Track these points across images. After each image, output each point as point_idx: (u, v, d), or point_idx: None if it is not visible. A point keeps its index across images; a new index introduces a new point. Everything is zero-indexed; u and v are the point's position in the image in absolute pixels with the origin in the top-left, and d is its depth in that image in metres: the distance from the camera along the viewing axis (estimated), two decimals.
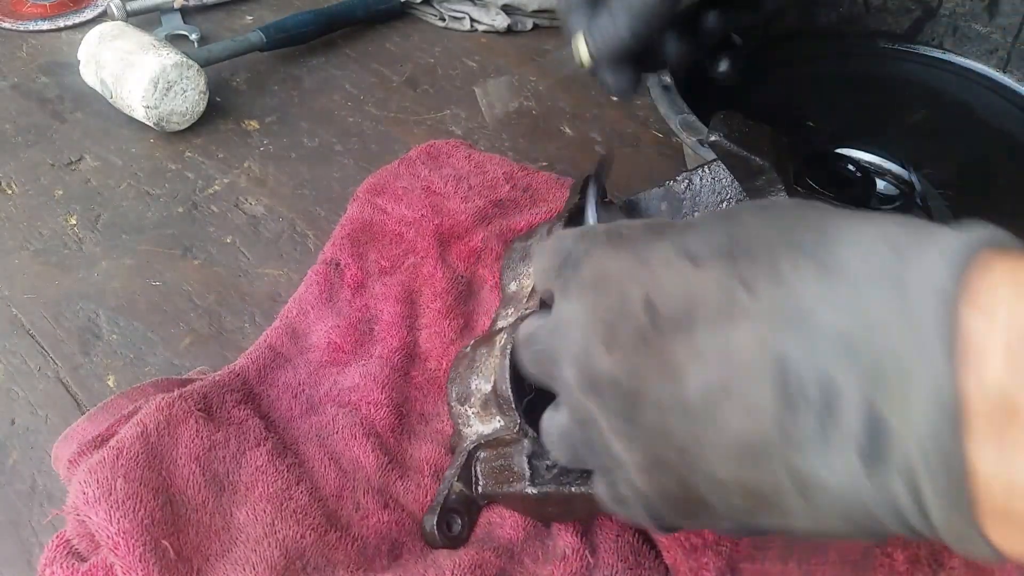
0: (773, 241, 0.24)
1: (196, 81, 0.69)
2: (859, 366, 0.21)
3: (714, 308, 0.24)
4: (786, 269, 0.23)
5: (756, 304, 0.23)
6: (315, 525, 0.41)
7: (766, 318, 0.23)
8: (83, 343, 0.54)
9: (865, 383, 0.21)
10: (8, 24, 0.84)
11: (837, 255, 0.23)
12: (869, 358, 0.21)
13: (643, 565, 0.41)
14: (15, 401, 0.50)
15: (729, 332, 0.24)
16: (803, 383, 0.22)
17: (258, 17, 0.89)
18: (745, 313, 0.23)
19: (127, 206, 0.64)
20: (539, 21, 0.90)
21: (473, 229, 0.59)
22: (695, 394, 0.24)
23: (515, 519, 0.43)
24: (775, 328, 0.23)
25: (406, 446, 0.48)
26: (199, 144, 0.71)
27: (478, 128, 0.74)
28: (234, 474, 0.43)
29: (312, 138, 0.72)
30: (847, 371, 0.21)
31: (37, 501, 0.45)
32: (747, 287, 0.24)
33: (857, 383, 0.21)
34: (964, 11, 0.74)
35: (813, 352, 0.22)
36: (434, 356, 0.52)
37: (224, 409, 0.46)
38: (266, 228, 0.63)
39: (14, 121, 0.72)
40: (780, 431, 0.22)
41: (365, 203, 0.60)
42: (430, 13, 0.90)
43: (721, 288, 0.24)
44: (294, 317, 0.53)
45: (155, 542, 0.38)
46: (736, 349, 0.23)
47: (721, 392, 0.24)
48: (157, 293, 0.57)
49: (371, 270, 0.57)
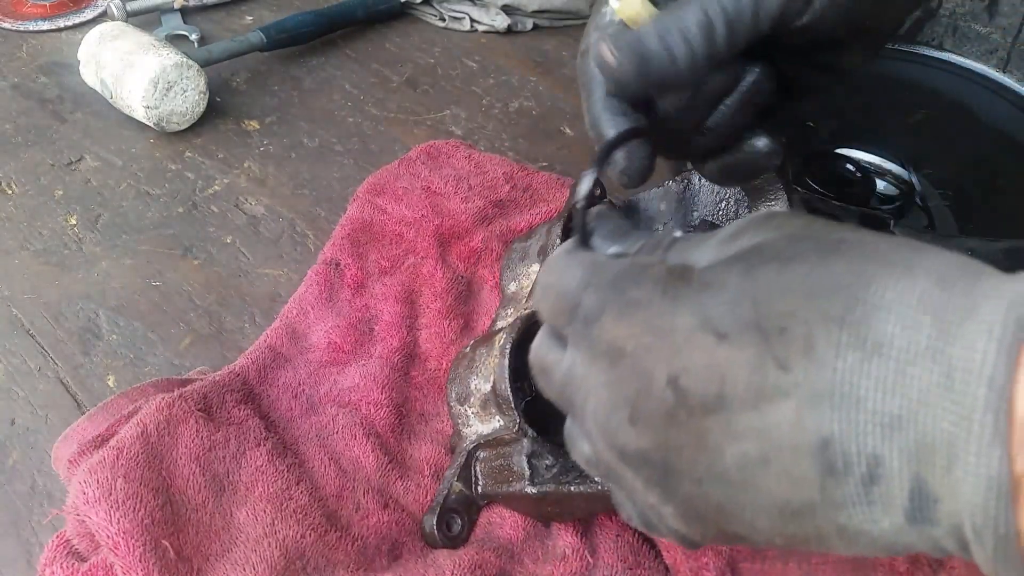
0: (804, 313, 0.23)
1: (196, 81, 0.69)
2: (904, 442, 0.21)
3: (747, 387, 0.23)
4: (822, 346, 0.22)
5: (792, 382, 0.23)
6: (315, 525, 0.41)
7: (805, 397, 0.22)
8: (83, 343, 0.54)
9: (911, 458, 0.22)
10: (8, 24, 0.84)
11: (876, 330, 0.22)
12: (914, 436, 0.21)
13: (643, 565, 0.41)
14: (15, 401, 0.50)
15: (765, 411, 0.23)
16: (848, 457, 0.22)
17: (258, 17, 0.89)
18: (781, 392, 0.23)
19: (127, 206, 0.64)
20: (539, 21, 0.90)
21: (473, 229, 0.59)
22: (732, 466, 0.24)
23: (515, 519, 0.43)
24: (815, 406, 0.22)
25: (406, 446, 0.48)
26: (199, 144, 0.71)
27: (478, 128, 0.74)
28: (234, 474, 0.43)
29: (312, 138, 0.72)
30: (892, 447, 0.22)
31: (37, 501, 0.45)
32: (782, 366, 0.23)
33: (902, 457, 0.22)
34: (964, 11, 0.74)
35: (856, 430, 0.22)
36: (434, 356, 0.52)
37: (224, 409, 0.46)
38: (266, 228, 0.63)
39: (14, 121, 0.72)
40: (823, 496, 0.23)
41: (365, 203, 0.60)
42: (430, 13, 0.90)
43: (753, 367, 0.23)
44: (294, 317, 0.53)
45: (155, 542, 0.38)
46: (774, 426, 0.23)
47: (760, 464, 0.23)
48: (157, 293, 0.57)
49: (371, 270, 0.57)
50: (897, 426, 0.21)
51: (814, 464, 0.22)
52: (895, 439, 0.21)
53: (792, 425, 0.22)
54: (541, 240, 0.50)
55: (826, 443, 0.22)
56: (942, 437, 0.21)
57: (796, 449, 0.22)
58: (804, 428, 0.22)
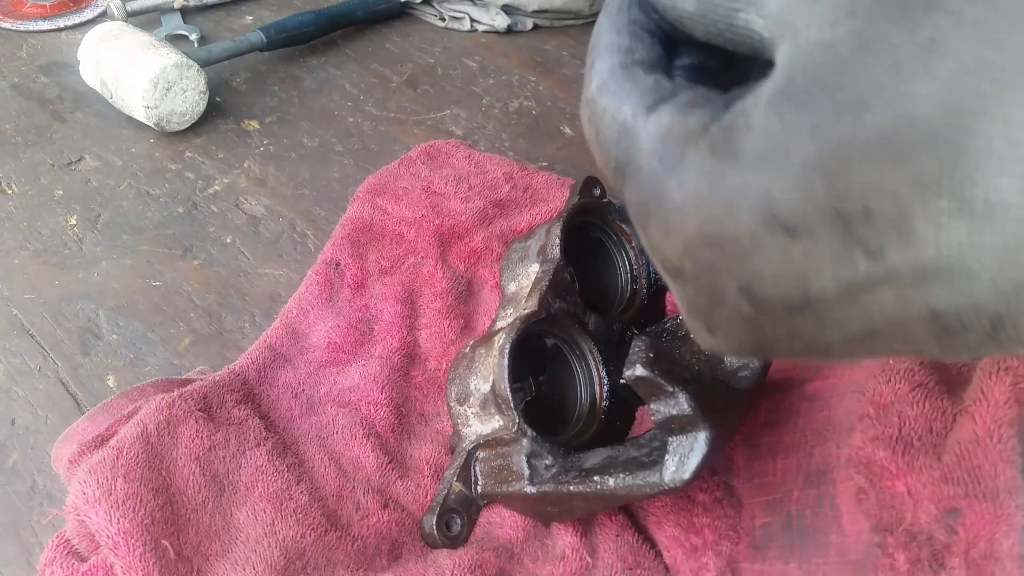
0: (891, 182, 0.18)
1: (196, 81, 0.69)
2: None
3: (835, 283, 0.20)
4: (920, 224, 0.18)
5: (888, 270, 0.19)
6: (315, 525, 0.41)
7: (907, 281, 0.19)
8: (83, 343, 0.54)
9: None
10: (8, 24, 0.84)
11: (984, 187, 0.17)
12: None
13: (643, 565, 0.41)
14: (15, 401, 0.50)
15: (863, 299, 0.20)
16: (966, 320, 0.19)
17: (258, 17, 0.89)
18: (877, 281, 0.19)
19: (127, 206, 0.64)
20: (539, 21, 0.90)
21: (473, 229, 0.59)
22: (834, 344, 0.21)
23: (515, 519, 0.43)
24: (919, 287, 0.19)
25: (406, 446, 0.48)
26: (199, 144, 0.71)
27: (478, 128, 0.74)
28: (234, 474, 0.43)
29: (312, 138, 0.72)
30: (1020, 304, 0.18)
31: (37, 501, 0.45)
32: (872, 255, 0.19)
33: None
34: None
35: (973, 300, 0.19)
36: (434, 356, 0.52)
37: (224, 409, 0.46)
38: (266, 228, 0.63)
39: (14, 121, 0.72)
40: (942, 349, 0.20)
41: (365, 203, 0.60)
42: (430, 13, 0.90)
43: (839, 261, 0.19)
44: (294, 317, 0.53)
45: (155, 542, 0.38)
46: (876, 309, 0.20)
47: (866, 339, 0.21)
48: (157, 293, 0.57)
49: (371, 270, 0.57)
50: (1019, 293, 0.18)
51: (928, 330, 0.20)
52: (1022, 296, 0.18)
53: (896, 305, 0.20)
54: (541, 240, 0.50)
55: (936, 313, 0.19)
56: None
57: (905, 323, 0.20)
58: (910, 306, 0.19)
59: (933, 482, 0.33)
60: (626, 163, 0.23)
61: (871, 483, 0.35)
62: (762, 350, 0.23)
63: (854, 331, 0.20)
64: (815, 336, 0.21)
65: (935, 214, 0.18)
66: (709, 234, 0.21)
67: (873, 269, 0.19)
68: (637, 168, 0.22)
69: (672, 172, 0.21)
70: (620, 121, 0.23)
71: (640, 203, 0.22)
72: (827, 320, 0.20)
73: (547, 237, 0.49)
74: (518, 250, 0.52)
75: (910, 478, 0.34)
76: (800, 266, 0.20)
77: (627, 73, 0.23)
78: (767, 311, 0.21)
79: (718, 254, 0.21)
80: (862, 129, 0.18)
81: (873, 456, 0.35)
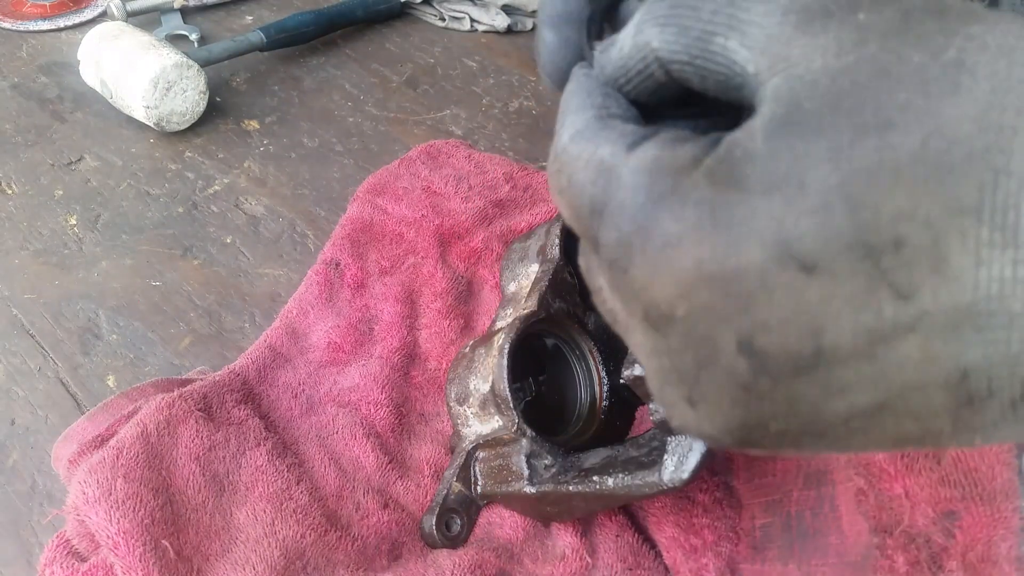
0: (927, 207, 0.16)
1: (196, 81, 0.69)
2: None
3: (853, 333, 0.17)
4: (957, 255, 0.16)
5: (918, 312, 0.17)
6: (315, 525, 0.41)
7: (937, 327, 0.16)
8: (83, 343, 0.54)
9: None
10: (8, 24, 0.84)
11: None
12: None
13: (643, 565, 0.41)
14: (15, 401, 0.50)
15: (882, 355, 0.17)
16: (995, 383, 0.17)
17: (258, 17, 0.89)
18: (903, 328, 0.17)
19: (127, 206, 0.64)
20: None
21: (473, 229, 0.59)
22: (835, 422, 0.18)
23: (515, 519, 0.43)
24: (950, 335, 0.16)
25: (406, 446, 0.48)
26: (199, 144, 0.71)
27: (478, 128, 0.74)
28: (234, 474, 0.43)
29: (312, 138, 0.72)
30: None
31: (37, 501, 0.45)
32: (901, 294, 0.16)
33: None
34: None
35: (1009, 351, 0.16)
36: (434, 356, 0.52)
37: (224, 409, 0.46)
38: (266, 228, 0.63)
39: (14, 121, 0.72)
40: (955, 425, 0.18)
41: (365, 203, 0.60)
42: (430, 13, 0.90)
43: (861, 304, 0.17)
44: (294, 317, 0.53)
45: (155, 542, 0.38)
46: (894, 369, 0.17)
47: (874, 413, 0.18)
48: (157, 293, 0.57)
49: (371, 270, 0.57)
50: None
51: (948, 398, 0.17)
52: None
53: (919, 363, 0.17)
54: (541, 240, 0.50)
55: (965, 373, 0.17)
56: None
57: (924, 388, 0.17)
58: (936, 362, 0.17)
59: (931, 484, 0.33)
60: (604, 202, 0.20)
61: (870, 484, 0.35)
62: (751, 431, 0.19)
63: (863, 402, 0.18)
64: (817, 409, 0.18)
65: (975, 245, 0.16)
66: (709, 271, 0.18)
67: (900, 313, 0.17)
68: (618, 205, 0.20)
69: (663, 203, 0.19)
70: (597, 160, 0.21)
71: (620, 242, 0.20)
72: (835, 385, 0.18)
73: (547, 237, 0.49)
74: (518, 250, 0.52)
75: (908, 480, 0.34)
76: (814, 311, 0.17)
77: (602, 123, 0.22)
78: (768, 371, 0.18)
79: (718, 295, 0.18)
80: (890, 150, 0.16)
81: (872, 457, 0.35)
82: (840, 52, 0.17)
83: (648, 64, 0.21)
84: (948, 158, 0.16)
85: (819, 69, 0.17)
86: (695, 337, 0.19)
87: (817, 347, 0.17)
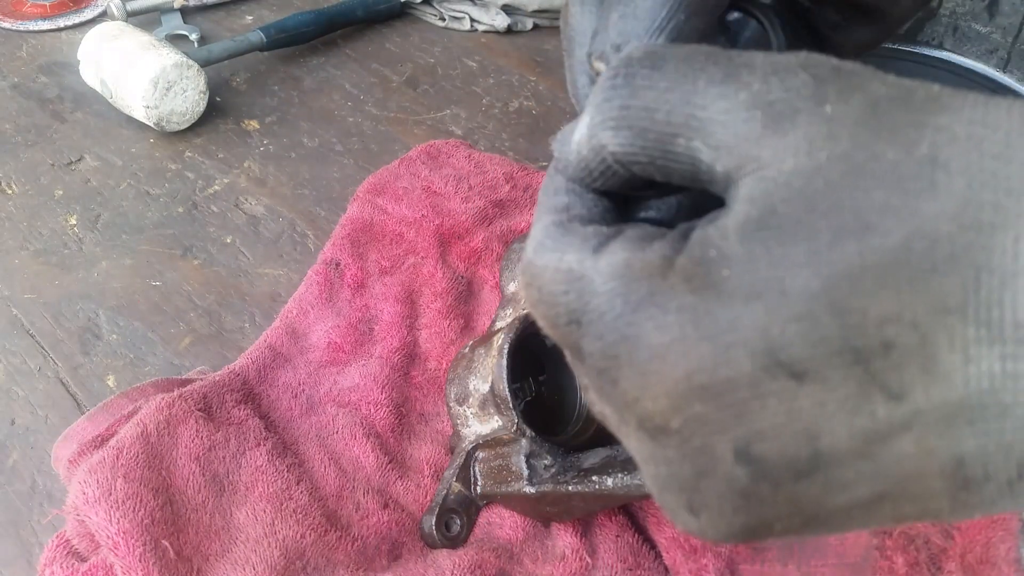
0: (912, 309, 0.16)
1: (196, 81, 0.69)
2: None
3: (849, 435, 0.17)
4: (945, 354, 0.16)
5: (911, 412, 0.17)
6: (315, 525, 0.41)
7: (931, 423, 0.17)
8: (83, 343, 0.54)
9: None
10: (8, 24, 0.84)
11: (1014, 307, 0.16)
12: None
13: (643, 566, 0.41)
14: (15, 401, 0.50)
15: (878, 453, 0.17)
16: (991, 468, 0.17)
17: (258, 17, 0.89)
18: (898, 427, 0.17)
19: (127, 206, 0.64)
20: (539, 21, 0.90)
21: (473, 229, 0.59)
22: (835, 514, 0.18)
23: (514, 519, 0.43)
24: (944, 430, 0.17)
25: (406, 446, 0.48)
26: (199, 144, 0.71)
27: (478, 128, 0.74)
28: (234, 474, 0.43)
29: (312, 138, 0.72)
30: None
31: (37, 501, 0.45)
32: (893, 396, 0.17)
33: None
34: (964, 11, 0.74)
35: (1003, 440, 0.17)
36: (434, 356, 0.52)
37: (224, 409, 0.46)
38: (266, 228, 0.63)
39: (14, 121, 0.72)
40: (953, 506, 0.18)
41: (365, 203, 0.60)
42: (430, 13, 0.90)
43: (854, 408, 0.17)
44: (294, 317, 0.53)
45: (155, 542, 0.38)
46: (892, 464, 0.17)
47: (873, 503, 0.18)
48: (157, 293, 0.57)
49: (371, 270, 0.57)
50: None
51: (945, 484, 0.17)
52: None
53: (916, 457, 0.17)
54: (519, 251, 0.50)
55: (961, 462, 0.17)
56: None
57: (921, 477, 0.17)
58: (932, 455, 0.17)
59: None
60: (581, 312, 0.20)
61: None
62: (754, 532, 0.19)
63: (862, 494, 0.18)
64: (818, 506, 0.18)
65: (962, 343, 0.16)
66: (700, 383, 0.18)
67: (894, 414, 0.17)
68: (597, 314, 0.19)
69: (644, 312, 0.18)
70: (565, 269, 0.20)
71: (605, 353, 0.19)
72: (835, 483, 0.18)
73: None
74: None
75: None
76: (809, 417, 0.17)
77: (563, 229, 0.21)
78: (767, 477, 0.18)
79: (712, 407, 0.18)
80: (872, 252, 0.16)
81: None
82: (811, 150, 0.17)
83: (609, 165, 0.21)
84: (930, 258, 0.16)
85: (791, 170, 0.17)
86: (692, 448, 0.18)
87: (814, 451, 0.17)
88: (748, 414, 0.17)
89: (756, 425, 0.17)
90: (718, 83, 0.18)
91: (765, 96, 0.18)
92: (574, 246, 0.20)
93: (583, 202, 0.22)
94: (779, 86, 0.18)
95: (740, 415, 0.17)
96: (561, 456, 0.40)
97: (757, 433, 0.17)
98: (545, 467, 0.40)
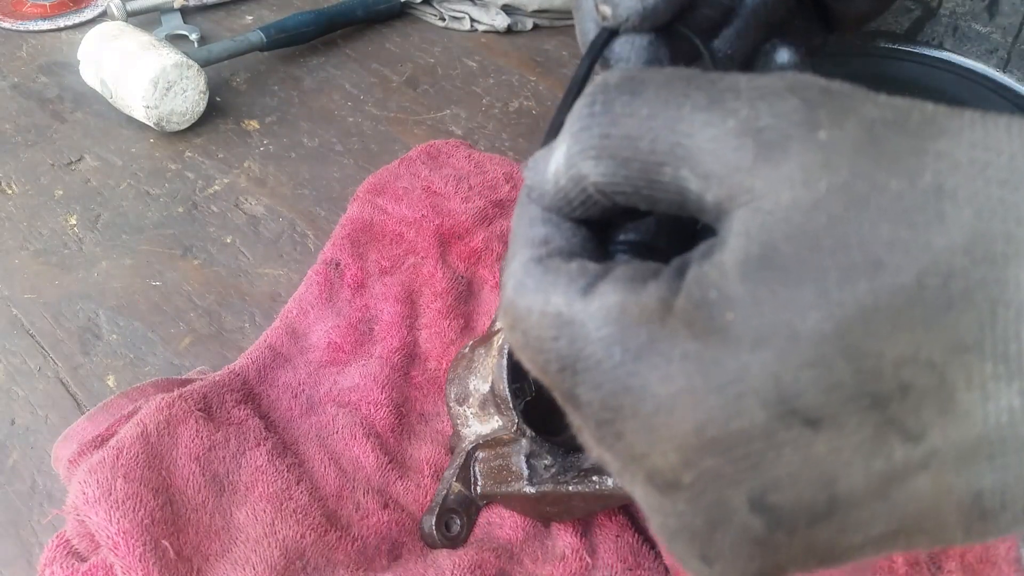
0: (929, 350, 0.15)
1: (196, 81, 0.69)
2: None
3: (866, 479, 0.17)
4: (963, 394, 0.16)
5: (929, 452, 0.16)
6: (315, 525, 0.41)
7: (949, 463, 0.16)
8: (83, 343, 0.54)
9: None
10: (8, 24, 0.84)
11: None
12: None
13: (643, 566, 0.41)
14: (15, 401, 0.50)
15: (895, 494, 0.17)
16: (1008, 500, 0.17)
17: (258, 17, 0.89)
18: (915, 467, 0.16)
19: (127, 206, 0.64)
20: (539, 21, 0.90)
21: (473, 229, 0.59)
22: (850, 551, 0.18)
23: (514, 519, 0.43)
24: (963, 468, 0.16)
25: (406, 446, 0.48)
26: (199, 144, 0.71)
27: (478, 128, 0.74)
28: (234, 474, 0.43)
29: (312, 138, 0.72)
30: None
31: (37, 501, 0.45)
32: (911, 437, 0.16)
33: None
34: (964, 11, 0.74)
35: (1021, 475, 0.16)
36: (434, 356, 0.52)
37: (224, 409, 0.46)
38: (266, 228, 0.63)
39: (14, 121, 0.72)
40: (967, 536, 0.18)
41: (365, 203, 0.60)
42: (430, 13, 0.90)
43: (871, 452, 0.16)
44: (294, 317, 0.53)
45: (155, 542, 0.38)
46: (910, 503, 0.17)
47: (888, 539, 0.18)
48: (157, 293, 0.57)
49: (371, 270, 0.57)
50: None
51: (960, 516, 0.17)
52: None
53: (933, 494, 0.17)
54: None
55: (979, 496, 0.17)
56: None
57: (937, 512, 0.17)
58: (950, 492, 0.17)
59: None
60: (574, 359, 0.19)
61: None
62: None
63: (877, 532, 0.17)
64: (833, 546, 0.18)
65: (980, 380, 0.15)
66: (712, 436, 0.17)
67: (911, 455, 0.16)
68: (593, 362, 0.18)
69: (645, 360, 0.17)
70: (553, 313, 0.19)
71: (606, 404, 0.18)
72: (850, 525, 0.17)
73: None
74: None
75: None
76: (825, 463, 0.16)
77: (544, 267, 0.20)
78: (783, 525, 0.17)
79: (725, 460, 0.17)
80: (884, 291, 0.15)
81: None
82: (808, 180, 0.16)
83: (590, 195, 0.20)
84: (945, 295, 0.15)
85: (789, 204, 0.16)
86: (705, 502, 0.18)
87: (831, 496, 0.17)
88: (763, 465, 0.17)
89: (771, 475, 0.17)
90: (703, 109, 0.17)
91: (754, 123, 0.17)
92: (559, 286, 0.19)
93: (562, 233, 0.21)
94: (768, 112, 0.17)
95: (755, 466, 0.17)
96: (561, 456, 0.40)
97: (772, 482, 0.17)
98: (545, 467, 0.40)
